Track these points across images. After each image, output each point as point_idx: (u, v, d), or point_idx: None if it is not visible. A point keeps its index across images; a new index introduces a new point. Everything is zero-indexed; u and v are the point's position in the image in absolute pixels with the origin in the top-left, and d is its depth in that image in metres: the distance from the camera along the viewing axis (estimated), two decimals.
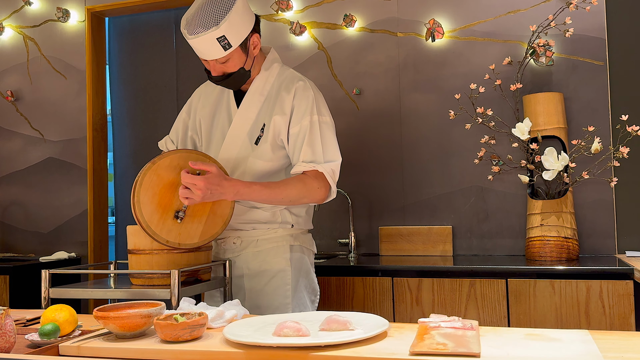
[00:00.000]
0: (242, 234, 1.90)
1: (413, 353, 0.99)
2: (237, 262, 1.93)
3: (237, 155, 1.88)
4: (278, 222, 1.90)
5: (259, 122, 1.86)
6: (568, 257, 2.47)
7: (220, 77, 1.82)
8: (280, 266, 1.87)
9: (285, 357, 1.03)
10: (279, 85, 1.88)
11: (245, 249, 1.91)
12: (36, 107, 3.57)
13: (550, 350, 1.00)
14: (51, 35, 3.55)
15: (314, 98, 1.84)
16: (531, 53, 2.68)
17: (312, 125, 1.81)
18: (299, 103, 1.82)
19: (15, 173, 3.58)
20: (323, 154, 1.80)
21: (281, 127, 1.84)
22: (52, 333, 1.19)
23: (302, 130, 1.81)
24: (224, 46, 1.73)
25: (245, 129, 1.87)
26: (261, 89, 1.89)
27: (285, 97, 1.84)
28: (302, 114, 1.81)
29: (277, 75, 1.91)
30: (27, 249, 3.51)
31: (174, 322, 1.14)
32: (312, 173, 1.80)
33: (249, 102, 1.89)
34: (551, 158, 2.46)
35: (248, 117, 1.88)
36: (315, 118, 1.81)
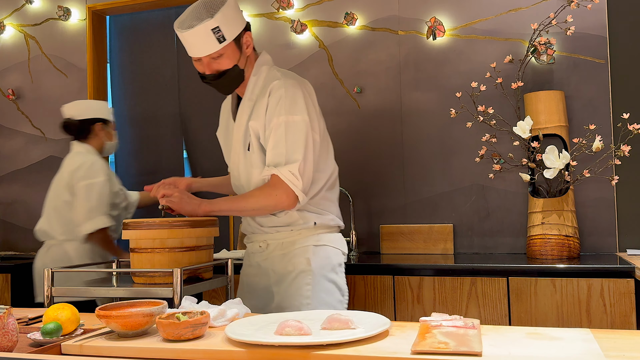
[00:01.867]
0: (267, 237, 1.89)
1: (415, 352, 0.99)
2: (263, 265, 1.91)
3: (239, 165, 1.89)
4: (300, 223, 1.87)
5: (247, 129, 1.86)
6: (569, 255, 2.47)
7: (213, 76, 1.78)
8: (302, 267, 1.83)
9: (287, 356, 1.03)
10: (263, 86, 1.86)
11: (272, 252, 1.89)
12: (37, 105, 3.57)
13: (552, 349, 1.00)
14: (52, 34, 3.55)
15: (284, 97, 1.78)
16: (532, 51, 2.68)
17: (277, 126, 1.76)
18: (271, 104, 1.79)
19: (16, 171, 3.58)
20: (285, 157, 1.75)
21: (259, 131, 1.82)
22: (55, 332, 1.19)
23: (271, 131, 1.77)
24: (219, 38, 1.71)
25: (240, 137, 1.87)
26: (250, 94, 1.87)
27: (261, 100, 1.82)
28: (271, 116, 1.78)
29: (264, 78, 1.88)
30: (29, 247, 3.51)
31: (176, 321, 1.14)
32: (272, 179, 1.77)
33: (242, 108, 1.87)
34: (552, 156, 2.46)
35: (241, 124, 1.86)
36: (282, 119, 1.76)
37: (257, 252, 1.92)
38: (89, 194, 2.61)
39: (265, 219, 1.88)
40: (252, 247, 1.95)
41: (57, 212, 2.68)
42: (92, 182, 2.62)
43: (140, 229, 1.91)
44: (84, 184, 2.62)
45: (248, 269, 1.98)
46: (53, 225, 2.69)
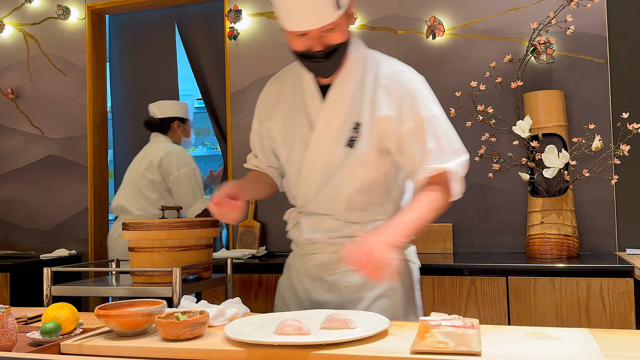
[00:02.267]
0: (338, 248, 1.53)
1: (414, 352, 0.99)
2: (333, 281, 1.58)
3: (327, 164, 1.54)
4: None
5: (349, 120, 1.52)
6: (568, 254, 2.47)
7: (324, 53, 1.44)
8: (389, 284, 1.54)
9: (286, 355, 1.03)
10: (372, 74, 1.54)
11: (342, 265, 1.54)
12: (37, 104, 3.56)
13: (551, 349, 1.00)
14: (51, 33, 3.55)
15: (423, 88, 1.54)
16: (532, 50, 2.68)
17: (427, 121, 1.49)
18: (408, 96, 1.50)
19: (15, 170, 3.58)
20: (452, 150, 1.51)
21: (388, 127, 1.50)
22: (54, 331, 1.19)
23: (417, 127, 1.49)
24: (337, 3, 1.39)
25: (334, 130, 1.53)
26: (349, 80, 1.53)
27: (386, 90, 1.51)
28: (413, 109, 1.50)
29: (368, 62, 1.56)
30: (28, 246, 3.51)
31: (175, 321, 1.14)
32: (439, 177, 1.49)
33: (337, 94, 1.53)
34: (552, 156, 2.46)
35: (336, 115, 1.52)
36: (429, 111, 1.51)
37: (322, 264, 1.59)
38: (190, 179, 3.06)
39: (342, 230, 1.57)
40: (315, 259, 1.60)
41: (138, 190, 3.04)
42: (191, 168, 3.08)
43: (141, 229, 1.91)
44: (185, 170, 3.05)
45: (307, 284, 1.62)
46: (131, 201, 3.04)
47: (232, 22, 3.22)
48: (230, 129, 3.21)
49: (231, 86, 3.21)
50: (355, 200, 1.54)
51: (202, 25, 3.58)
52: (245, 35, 3.21)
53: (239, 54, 3.21)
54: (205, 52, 3.56)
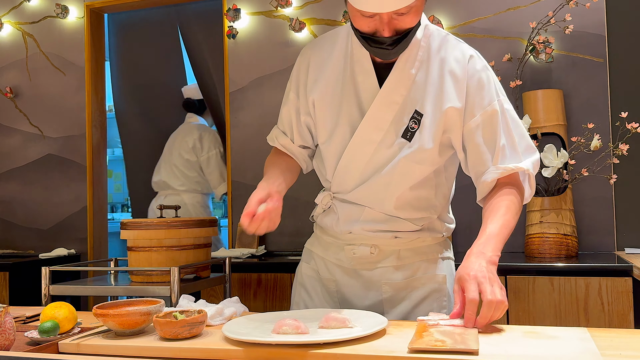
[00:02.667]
0: (380, 241, 1.43)
1: (411, 350, 0.99)
2: (371, 277, 1.45)
3: (374, 155, 1.38)
4: (427, 231, 1.47)
5: (408, 107, 1.35)
6: (567, 254, 2.48)
7: (393, 39, 1.26)
8: (435, 284, 1.46)
9: (284, 354, 1.03)
10: (437, 57, 1.37)
11: (383, 260, 1.44)
12: (35, 103, 3.56)
13: (549, 348, 1.00)
14: (50, 32, 3.55)
15: (491, 75, 1.38)
16: (531, 50, 2.68)
17: (500, 114, 1.33)
18: (478, 85, 1.34)
19: (14, 170, 3.58)
20: (519, 148, 1.35)
21: (454, 120, 1.34)
22: (52, 330, 1.19)
23: (487, 121, 1.33)
24: None
25: (388, 118, 1.35)
26: (412, 62, 1.35)
27: (455, 78, 1.34)
28: (483, 100, 1.34)
29: (433, 42, 1.38)
30: (27, 245, 3.51)
31: (173, 320, 1.14)
32: (510, 178, 1.34)
33: (398, 79, 1.34)
34: (550, 155, 2.46)
35: (394, 102, 1.35)
36: (500, 104, 1.35)
37: (362, 257, 1.45)
38: (218, 161, 3.50)
39: (386, 223, 1.42)
40: (353, 251, 1.45)
41: (178, 169, 3.49)
42: (219, 150, 3.51)
43: (139, 229, 1.91)
44: (214, 152, 3.48)
45: (338, 276, 1.48)
46: (172, 178, 3.49)
47: (231, 21, 3.22)
48: (230, 128, 3.20)
49: (230, 85, 3.20)
50: (405, 197, 1.40)
51: (202, 23, 3.59)
52: (244, 34, 3.21)
53: (237, 52, 3.20)
54: (205, 50, 3.57)
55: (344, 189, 1.44)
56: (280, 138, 1.53)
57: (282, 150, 1.54)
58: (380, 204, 1.41)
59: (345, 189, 1.44)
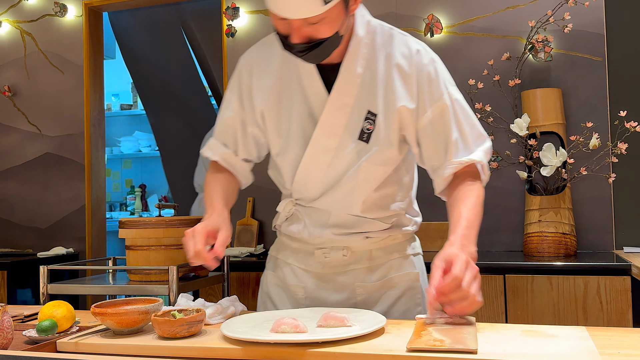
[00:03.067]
0: (351, 243, 1.41)
1: (410, 349, 0.99)
2: (344, 280, 1.42)
3: (333, 162, 1.35)
4: (397, 227, 1.45)
5: (360, 109, 1.32)
6: (566, 253, 2.48)
7: (304, 47, 1.22)
8: (409, 283, 1.45)
9: (283, 353, 1.03)
10: (383, 53, 1.34)
11: (355, 262, 1.42)
12: (33, 102, 3.56)
13: (547, 347, 1.00)
14: (48, 30, 3.54)
15: (440, 68, 1.35)
16: (530, 49, 2.68)
17: (450, 108, 1.32)
18: (427, 81, 1.32)
19: (12, 168, 3.57)
20: (470, 139, 1.35)
21: (407, 118, 1.32)
22: (50, 329, 1.19)
23: (438, 116, 1.32)
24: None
25: (342, 122, 1.32)
26: (358, 61, 1.32)
27: (403, 75, 1.32)
28: (433, 95, 1.32)
29: (377, 38, 1.35)
30: (25, 244, 3.51)
31: (171, 319, 1.14)
32: (467, 169, 1.33)
33: (345, 81, 1.32)
34: (549, 154, 2.46)
35: (345, 105, 1.32)
36: (450, 97, 1.33)
37: (333, 261, 1.41)
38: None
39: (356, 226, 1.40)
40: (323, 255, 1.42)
41: None
42: None
43: (137, 227, 1.91)
44: None
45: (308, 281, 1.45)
46: None
47: (229, 20, 3.21)
48: None
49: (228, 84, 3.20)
50: (371, 199, 1.38)
51: (203, 22, 3.60)
52: (243, 33, 3.20)
53: (236, 51, 3.20)
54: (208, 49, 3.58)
55: (306, 197, 1.41)
56: (219, 150, 1.46)
57: (223, 164, 1.47)
58: (347, 209, 1.39)
59: (307, 198, 1.40)
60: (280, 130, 1.39)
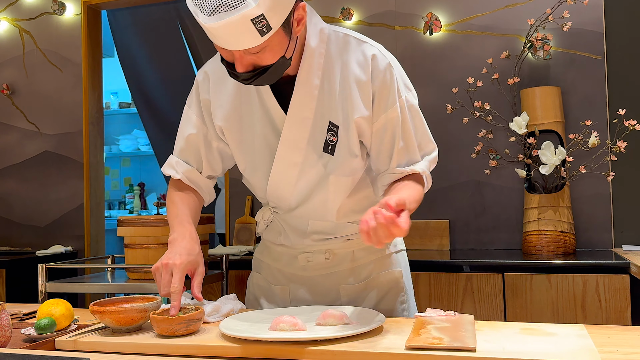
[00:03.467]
0: (333, 246, 1.42)
1: (409, 347, 0.99)
2: (327, 283, 1.43)
3: (301, 176, 1.35)
4: None
5: (321, 120, 1.32)
6: (565, 251, 2.48)
7: (249, 74, 1.20)
8: (392, 282, 1.45)
9: (282, 351, 1.03)
10: (339, 62, 1.32)
11: (338, 264, 1.43)
12: (32, 100, 3.55)
13: (546, 345, 1.00)
14: (47, 28, 3.53)
15: (395, 74, 1.33)
16: (529, 47, 2.68)
17: (399, 117, 1.31)
18: (381, 88, 1.30)
19: (11, 167, 3.57)
20: (418, 148, 1.35)
21: (364, 127, 1.32)
22: (48, 327, 1.18)
23: (389, 123, 1.31)
24: (261, 30, 1.12)
25: (304, 136, 1.31)
26: (314, 72, 1.30)
27: (359, 84, 1.30)
28: (387, 102, 1.31)
29: (331, 46, 1.33)
30: (24, 242, 3.50)
31: (170, 317, 1.14)
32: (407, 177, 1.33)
33: (302, 96, 1.30)
34: (548, 152, 2.46)
35: (305, 118, 1.30)
36: (402, 103, 1.32)
37: (315, 264, 1.43)
38: None
39: (337, 229, 1.41)
40: (306, 259, 1.43)
41: None
42: None
43: (136, 226, 1.91)
44: None
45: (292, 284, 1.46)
46: None
47: None
48: None
49: None
50: (346, 206, 1.39)
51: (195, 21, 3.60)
52: None
53: None
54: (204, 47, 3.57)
55: (282, 209, 1.42)
56: (183, 169, 1.43)
57: (187, 182, 1.44)
58: (323, 217, 1.39)
59: (283, 208, 1.41)
60: (244, 146, 1.37)
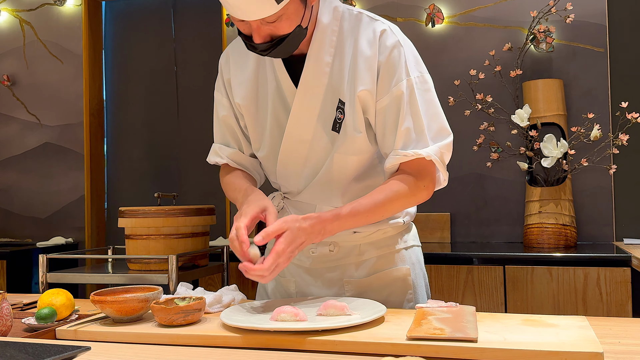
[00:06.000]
0: (338, 237, 1.36)
1: (410, 338, 0.99)
2: (332, 276, 1.39)
3: (310, 154, 1.32)
4: (386, 222, 1.38)
5: (331, 98, 1.30)
6: (566, 244, 2.47)
7: (267, 45, 1.21)
8: (398, 278, 1.39)
9: (282, 341, 1.03)
10: (351, 39, 1.29)
11: (343, 257, 1.38)
12: (33, 91, 3.54)
13: (547, 336, 0.99)
14: (47, 20, 3.52)
15: (404, 52, 1.28)
16: (531, 39, 2.66)
17: (405, 95, 1.25)
18: (387, 64, 1.26)
19: (12, 158, 3.57)
20: (427, 132, 1.26)
21: (368, 102, 1.27)
22: (49, 317, 1.18)
23: (393, 102, 1.26)
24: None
25: (314, 112, 1.29)
26: (325, 49, 1.29)
27: (365, 59, 1.27)
28: (391, 80, 1.26)
29: (344, 24, 1.31)
30: (25, 234, 3.51)
31: (168, 306, 1.13)
32: (415, 164, 1.26)
33: (313, 71, 1.29)
34: (550, 145, 2.45)
35: (315, 94, 1.29)
36: (411, 82, 1.26)
37: (320, 257, 1.39)
38: None
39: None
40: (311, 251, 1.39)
41: None
42: None
43: (137, 217, 1.91)
44: None
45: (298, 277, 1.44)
46: None
47: None
48: None
49: None
50: (352, 190, 1.35)
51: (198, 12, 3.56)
52: None
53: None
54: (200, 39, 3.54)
55: (291, 191, 1.39)
56: (227, 152, 1.43)
57: (233, 165, 1.43)
58: (329, 201, 1.36)
59: (292, 191, 1.39)
60: (258, 124, 1.37)
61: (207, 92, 3.52)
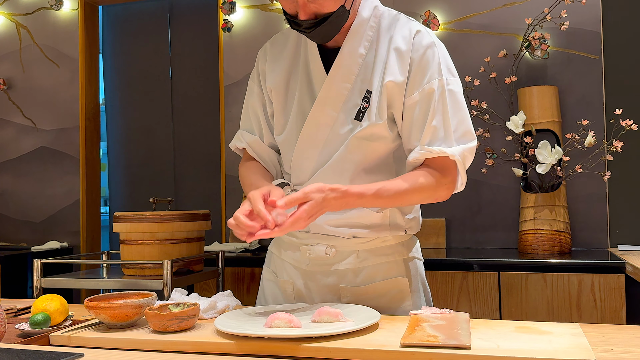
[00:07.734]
0: (336, 241, 1.36)
1: (404, 345, 0.99)
2: (329, 280, 1.38)
3: (328, 140, 1.34)
4: (387, 227, 1.38)
5: (360, 88, 1.33)
6: (560, 250, 2.48)
7: (311, 22, 1.25)
8: (396, 290, 1.38)
9: (276, 348, 1.03)
10: (387, 36, 1.34)
11: (340, 262, 1.37)
12: (28, 95, 3.54)
13: (541, 343, 1.00)
14: (44, 23, 3.52)
15: (438, 53, 1.32)
16: (526, 46, 2.68)
17: (436, 93, 1.29)
18: (420, 61, 1.30)
19: (7, 162, 3.56)
20: (454, 133, 1.29)
21: (395, 94, 1.30)
22: (43, 323, 1.18)
23: (424, 99, 1.29)
24: None
25: (340, 100, 1.32)
26: (361, 42, 1.33)
27: (399, 53, 1.31)
28: (424, 77, 1.29)
29: (383, 22, 1.36)
30: (19, 238, 3.49)
31: (161, 313, 1.13)
32: (438, 161, 1.29)
33: (346, 60, 1.33)
34: (545, 151, 2.46)
35: (343, 83, 1.32)
36: (442, 83, 1.30)
37: (316, 259, 1.38)
38: None
39: (342, 214, 1.34)
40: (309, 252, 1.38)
41: None
42: None
43: (132, 222, 1.91)
44: None
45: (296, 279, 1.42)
46: None
47: (226, 14, 3.20)
48: (224, 121, 3.19)
49: (225, 79, 3.19)
50: (360, 180, 1.33)
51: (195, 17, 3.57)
52: (239, 28, 3.19)
53: (232, 46, 3.19)
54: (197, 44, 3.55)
55: (301, 179, 1.38)
56: (248, 138, 1.46)
57: (251, 153, 1.47)
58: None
59: (302, 179, 1.38)
60: (284, 110, 1.41)
61: (203, 96, 3.53)
